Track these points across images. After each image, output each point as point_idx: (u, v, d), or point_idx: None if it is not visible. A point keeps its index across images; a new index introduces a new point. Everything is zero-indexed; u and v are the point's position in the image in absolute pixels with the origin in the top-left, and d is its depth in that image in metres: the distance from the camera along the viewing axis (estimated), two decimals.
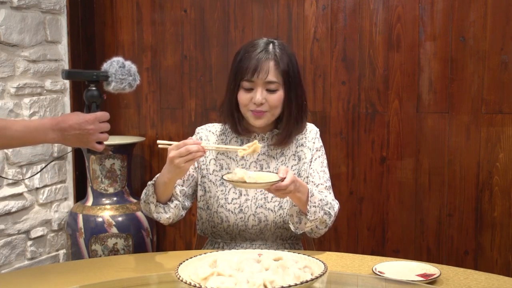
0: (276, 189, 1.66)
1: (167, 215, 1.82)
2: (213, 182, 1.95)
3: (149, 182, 1.84)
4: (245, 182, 1.65)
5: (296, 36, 2.94)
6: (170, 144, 1.69)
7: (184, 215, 1.94)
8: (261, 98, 1.87)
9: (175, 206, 1.82)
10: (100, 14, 3.28)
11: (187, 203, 1.96)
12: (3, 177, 2.67)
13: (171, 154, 1.67)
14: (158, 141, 1.72)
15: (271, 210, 1.91)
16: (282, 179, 1.66)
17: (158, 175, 1.81)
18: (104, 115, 1.70)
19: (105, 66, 1.71)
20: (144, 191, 1.85)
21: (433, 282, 1.56)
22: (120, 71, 1.69)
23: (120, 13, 3.25)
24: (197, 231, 2.05)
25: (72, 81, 3.13)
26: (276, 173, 1.71)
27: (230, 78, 1.95)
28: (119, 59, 1.72)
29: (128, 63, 1.72)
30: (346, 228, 2.94)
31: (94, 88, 1.71)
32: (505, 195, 2.69)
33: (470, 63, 2.70)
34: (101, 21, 3.29)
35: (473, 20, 2.68)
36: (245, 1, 3.02)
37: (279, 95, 1.90)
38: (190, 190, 1.98)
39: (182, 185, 1.94)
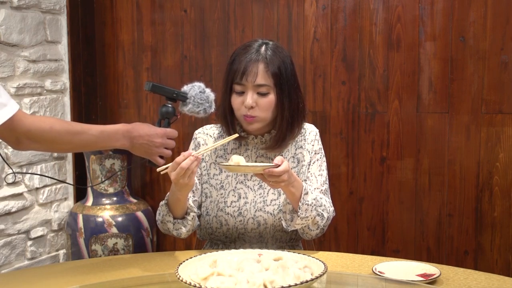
0: (269, 174, 1.65)
1: (186, 228, 1.85)
2: (214, 186, 1.95)
3: (161, 203, 1.86)
4: (239, 165, 1.66)
5: (296, 36, 2.94)
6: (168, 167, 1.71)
7: (199, 223, 1.96)
8: (251, 102, 1.84)
9: (192, 218, 1.85)
10: (100, 14, 3.28)
11: (199, 212, 1.99)
12: (48, 177, 2.63)
13: (173, 177, 1.69)
14: (158, 169, 1.72)
15: (270, 214, 1.90)
16: (277, 166, 1.66)
17: (168, 194, 1.84)
18: (173, 132, 1.77)
19: (186, 88, 1.79)
20: (158, 211, 1.88)
21: (433, 282, 1.56)
22: (199, 95, 1.78)
23: (120, 13, 3.25)
24: (197, 235, 2.05)
25: (72, 82, 3.13)
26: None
27: (223, 81, 1.94)
28: (201, 84, 1.81)
29: (208, 90, 1.81)
30: (346, 228, 2.94)
31: (170, 105, 1.79)
32: (505, 195, 2.69)
33: (470, 63, 2.70)
34: (101, 21, 3.28)
35: (473, 20, 2.68)
36: (245, 1, 3.01)
37: (270, 99, 1.86)
38: (201, 199, 1.99)
39: (194, 196, 1.95)
